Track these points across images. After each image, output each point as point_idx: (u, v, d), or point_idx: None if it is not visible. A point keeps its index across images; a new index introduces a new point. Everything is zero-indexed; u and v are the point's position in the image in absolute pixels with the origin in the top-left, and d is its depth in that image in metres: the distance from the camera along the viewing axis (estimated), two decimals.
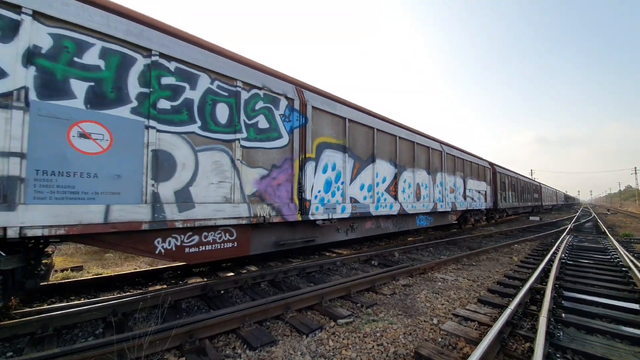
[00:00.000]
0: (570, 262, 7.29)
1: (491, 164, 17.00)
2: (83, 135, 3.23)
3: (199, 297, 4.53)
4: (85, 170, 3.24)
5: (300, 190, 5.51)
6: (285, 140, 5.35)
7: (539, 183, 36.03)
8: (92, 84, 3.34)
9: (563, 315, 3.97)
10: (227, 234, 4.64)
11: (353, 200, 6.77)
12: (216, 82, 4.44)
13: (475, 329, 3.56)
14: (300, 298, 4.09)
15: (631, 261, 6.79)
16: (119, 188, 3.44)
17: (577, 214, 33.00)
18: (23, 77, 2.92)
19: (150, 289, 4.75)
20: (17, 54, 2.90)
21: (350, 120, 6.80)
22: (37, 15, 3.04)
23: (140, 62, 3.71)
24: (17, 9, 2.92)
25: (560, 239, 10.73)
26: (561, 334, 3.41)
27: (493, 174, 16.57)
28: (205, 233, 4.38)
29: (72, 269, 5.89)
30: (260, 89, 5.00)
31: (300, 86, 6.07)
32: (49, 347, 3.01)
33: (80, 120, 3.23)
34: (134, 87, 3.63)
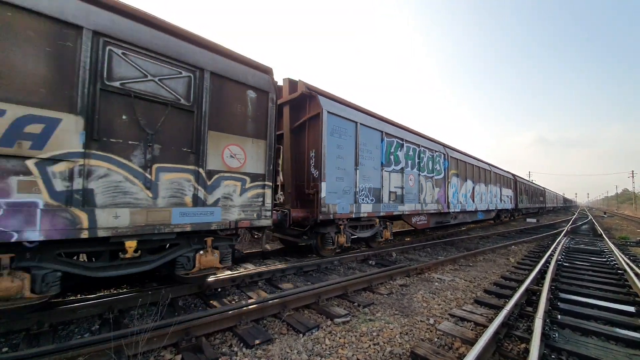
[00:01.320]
0: (567, 264, 7.33)
1: (514, 175, 22.47)
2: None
3: (195, 295, 4.53)
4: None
5: (446, 196, 11.34)
6: (442, 174, 11.22)
7: (544, 188, 41.14)
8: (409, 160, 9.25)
9: (559, 316, 3.99)
10: (424, 217, 10.07)
11: (460, 202, 12.55)
12: (419, 149, 9.85)
13: (472, 330, 3.58)
14: (297, 297, 4.09)
15: (627, 264, 6.84)
16: (422, 199, 9.69)
17: (574, 216, 33.15)
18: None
19: (147, 286, 4.74)
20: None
21: (459, 161, 12.83)
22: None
23: (404, 145, 9.09)
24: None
25: (557, 241, 10.78)
26: (557, 335, 3.43)
27: (514, 182, 22.05)
28: (422, 216, 9.99)
29: None
30: (433, 151, 10.71)
31: (447, 147, 12.10)
32: (44, 343, 3.00)
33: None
34: (403, 158, 8.95)
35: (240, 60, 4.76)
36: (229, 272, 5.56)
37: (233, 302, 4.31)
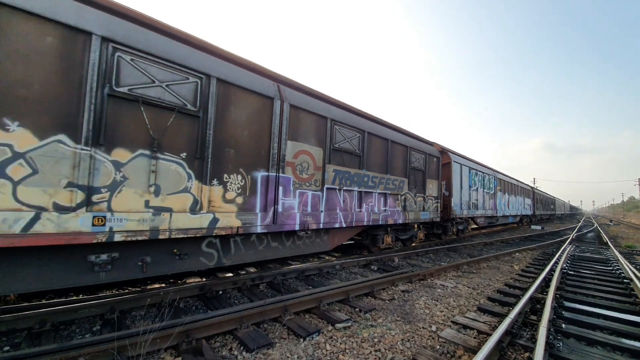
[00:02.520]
0: (572, 273, 7.24)
1: (532, 187, 27.96)
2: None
3: (197, 297, 4.53)
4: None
5: (495, 205, 16.22)
6: (493, 190, 15.76)
7: (554, 197, 47.41)
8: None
9: (563, 325, 3.93)
10: (483, 219, 14.93)
11: (502, 209, 17.61)
12: (483, 174, 14.63)
13: (474, 338, 3.54)
14: (298, 301, 4.07)
15: (633, 273, 6.73)
16: (484, 207, 14.71)
17: (580, 224, 32.78)
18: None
19: (149, 287, 4.76)
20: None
21: (502, 180, 17.66)
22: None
23: (477, 172, 14.07)
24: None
25: (561, 249, 10.65)
26: (561, 344, 3.38)
27: (532, 193, 27.32)
28: (482, 218, 14.88)
29: None
30: (489, 175, 15.39)
31: (495, 171, 16.86)
32: (46, 342, 3.01)
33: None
34: (477, 181, 13.82)
35: None
36: (230, 274, 5.56)
37: (234, 305, 4.31)
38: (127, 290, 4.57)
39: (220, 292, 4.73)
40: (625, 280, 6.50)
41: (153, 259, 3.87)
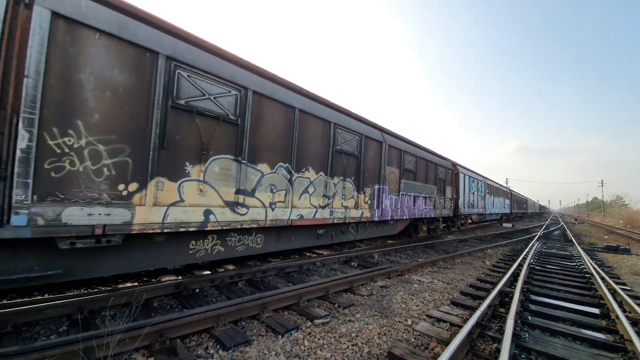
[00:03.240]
0: (538, 268, 7.65)
1: (509, 189, 33.85)
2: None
3: (172, 296, 4.40)
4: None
5: (485, 205, 19.95)
6: (483, 193, 19.68)
7: (527, 197, 53.63)
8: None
9: (529, 317, 4.16)
10: (476, 215, 19.13)
11: (489, 208, 21.54)
12: (478, 180, 18.65)
13: (447, 330, 3.67)
14: (277, 298, 4.06)
15: (594, 268, 7.21)
16: (477, 206, 18.44)
17: (547, 222, 34.66)
18: None
19: (120, 286, 4.57)
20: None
21: (490, 185, 22.24)
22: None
23: (474, 180, 18.14)
24: None
25: (529, 246, 11.23)
26: (527, 335, 3.57)
27: (510, 194, 32.05)
28: (476, 215, 19.05)
29: None
30: (482, 181, 19.40)
31: (486, 178, 21.09)
32: (7, 344, 2.83)
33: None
34: (474, 187, 17.94)
35: None
36: (208, 272, 5.45)
37: (211, 303, 4.23)
38: (96, 290, 4.38)
39: (197, 290, 4.63)
40: (586, 275, 6.95)
41: (335, 234, 7.40)
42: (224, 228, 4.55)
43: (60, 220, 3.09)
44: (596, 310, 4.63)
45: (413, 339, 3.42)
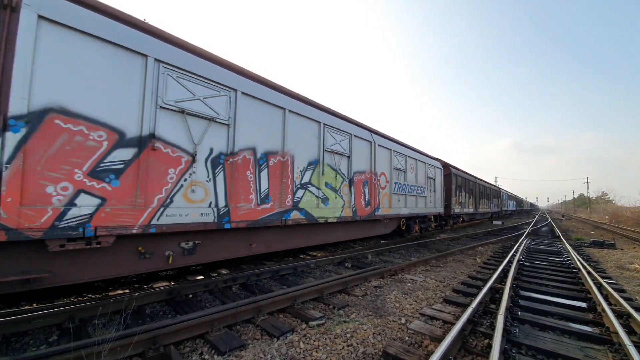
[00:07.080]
0: (527, 264, 7.82)
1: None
2: None
3: (165, 302, 4.35)
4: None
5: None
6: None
7: (515, 195, 55.78)
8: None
9: (519, 313, 4.25)
10: (468, 215, 20.32)
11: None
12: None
13: (440, 327, 3.73)
14: (272, 301, 4.05)
15: (581, 263, 7.41)
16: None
17: (535, 218, 35.41)
18: None
19: (112, 293, 4.50)
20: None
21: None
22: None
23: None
24: None
25: (519, 242, 11.46)
26: (517, 330, 3.65)
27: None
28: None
29: None
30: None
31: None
32: None
33: None
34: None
35: None
36: (201, 277, 5.41)
37: (205, 308, 4.20)
38: (86, 298, 4.30)
39: (191, 296, 4.59)
40: (574, 270, 7.14)
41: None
42: None
43: None
44: (583, 304, 4.76)
45: (407, 338, 3.47)
